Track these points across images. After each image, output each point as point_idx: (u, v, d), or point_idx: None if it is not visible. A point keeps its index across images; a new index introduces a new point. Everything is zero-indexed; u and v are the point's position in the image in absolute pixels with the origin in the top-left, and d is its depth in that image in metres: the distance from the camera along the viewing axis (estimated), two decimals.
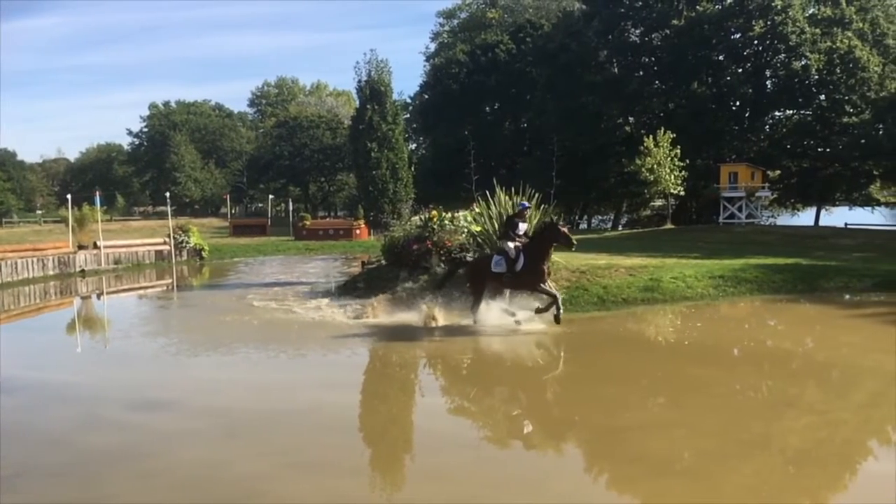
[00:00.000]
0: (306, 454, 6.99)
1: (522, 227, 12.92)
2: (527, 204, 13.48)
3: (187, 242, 29.10)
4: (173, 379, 10.17)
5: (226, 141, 78.06)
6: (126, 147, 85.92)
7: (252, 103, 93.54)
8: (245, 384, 9.74)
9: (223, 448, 7.21)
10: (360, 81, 20.63)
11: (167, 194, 36.86)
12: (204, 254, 29.67)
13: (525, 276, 12.37)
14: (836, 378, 9.81)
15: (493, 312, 13.02)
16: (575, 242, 12.46)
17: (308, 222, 40.75)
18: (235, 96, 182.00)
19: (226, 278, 23.65)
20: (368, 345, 12.19)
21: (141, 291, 21.77)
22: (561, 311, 12.18)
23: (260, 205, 75.73)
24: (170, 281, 23.63)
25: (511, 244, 12.55)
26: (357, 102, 22.74)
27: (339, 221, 48.06)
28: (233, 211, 63.78)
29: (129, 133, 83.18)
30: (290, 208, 55.55)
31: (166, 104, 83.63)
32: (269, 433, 7.62)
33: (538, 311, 12.47)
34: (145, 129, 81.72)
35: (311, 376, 10.36)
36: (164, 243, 28.48)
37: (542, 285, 12.36)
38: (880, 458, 6.83)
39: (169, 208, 35.55)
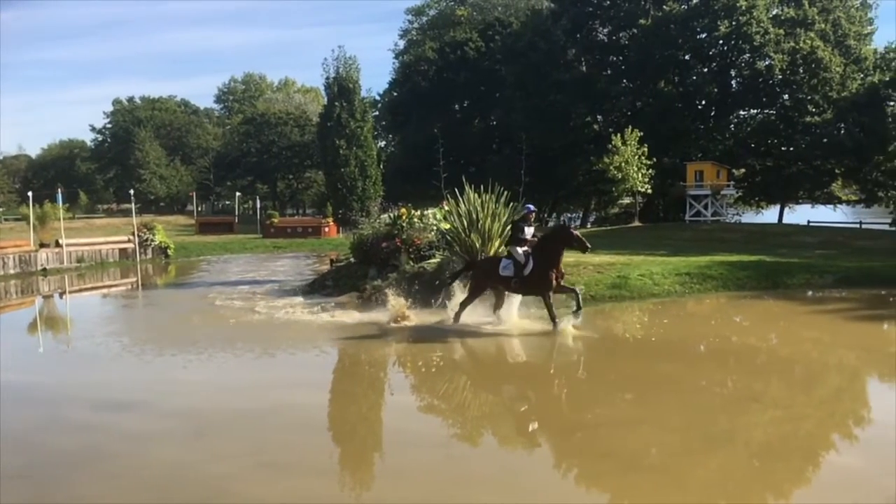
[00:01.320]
0: (275, 454, 6.91)
1: (528, 230, 12.59)
2: (531, 207, 13.29)
3: (152, 240, 28.69)
4: (139, 379, 10.00)
5: (192, 137, 77.03)
6: (89, 143, 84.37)
7: (219, 99, 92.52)
8: (212, 384, 9.62)
9: (190, 448, 7.11)
10: (328, 78, 20.55)
11: (131, 192, 36.31)
12: (169, 252, 29.27)
13: (533, 282, 12.00)
14: (800, 373, 9.98)
15: (473, 312, 12.86)
16: (589, 246, 12.14)
17: (276, 220, 40.43)
18: (202, 92, 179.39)
19: (192, 277, 23.35)
20: (337, 343, 12.11)
21: (105, 290, 21.40)
22: (556, 322, 11.82)
23: (227, 202, 74.87)
24: (134, 280, 23.27)
25: (520, 249, 12.26)
26: (325, 99, 22.62)
27: (308, 219, 47.77)
28: (199, 208, 62.92)
29: (93, 129, 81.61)
30: (258, 206, 55.04)
31: (130, 100, 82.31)
32: (236, 433, 7.53)
33: (575, 312, 12.01)
34: (109, 126, 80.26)
35: (279, 376, 10.26)
36: (129, 241, 28.03)
37: (549, 293, 11.99)
38: (842, 451, 6.96)
39: (133, 206, 34.99)
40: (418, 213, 16.69)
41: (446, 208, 15.77)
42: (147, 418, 8.08)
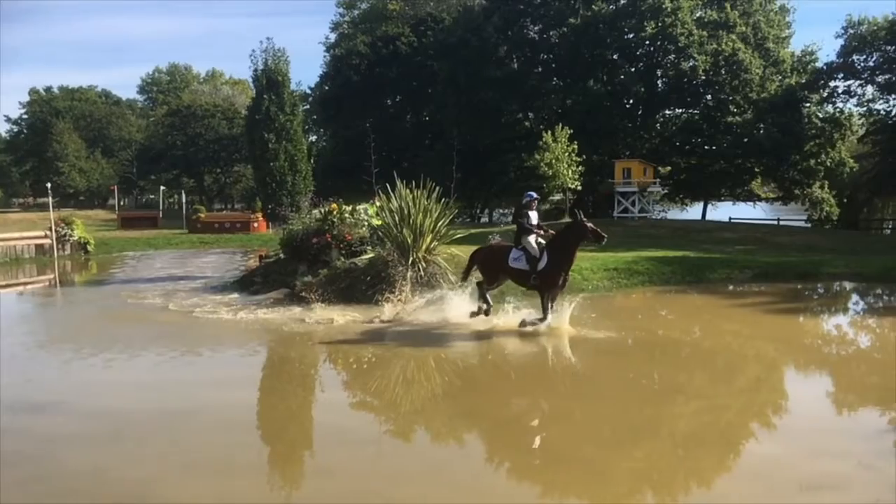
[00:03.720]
0: (199, 454, 6.74)
1: (534, 217, 12.08)
2: (534, 194, 12.66)
3: (71, 236, 27.56)
4: (56, 380, 9.59)
5: (113, 129, 74.31)
6: (4, 135, 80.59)
7: (142, 90, 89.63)
8: (133, 384, 9.29)
9: (110, 451, 6.86)
10: (256, 71, 20.10)
11: (48, 185, 34.75)
12: (89, 248, 28.17)
13: (547, 276, 11.47)
14: (721, 365, 10.29)
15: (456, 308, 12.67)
16: (605, 237, 11.56)
17: (203, 215, 39.41)
18: (124, 83, 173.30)
19: (113, 273, 22.51)
20: (266, 341, 11.88)
21: (20, 288, 20.43)
22: (535, 327, 11.45)
23: (151, 196, 72.52)
24: (52, 276, 22.30)
25: (532, 239, 11.74)
26: (254, 92, 22.15)
27: (236, 214, 46.69)
28: (121, 203, 60.81)
29: (7, 120, 78.12)
30: (184, 200, 53.56)
31: (48, 90, 79.01)
32: (159, 434, 7.30)
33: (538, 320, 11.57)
34: (25, 116, 76.86)
35: (204, 375, 9.99)
36: (46, 237, 26.86)
37: (557, 292, 11.62)
38: (761, 439, 7.20)
39: (51, 200, 33.49)
40: (350, 208, 16.51)
41: (378, 204, 15.67)
42: (65, 420, 7.76)
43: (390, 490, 5.95)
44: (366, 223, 15.95)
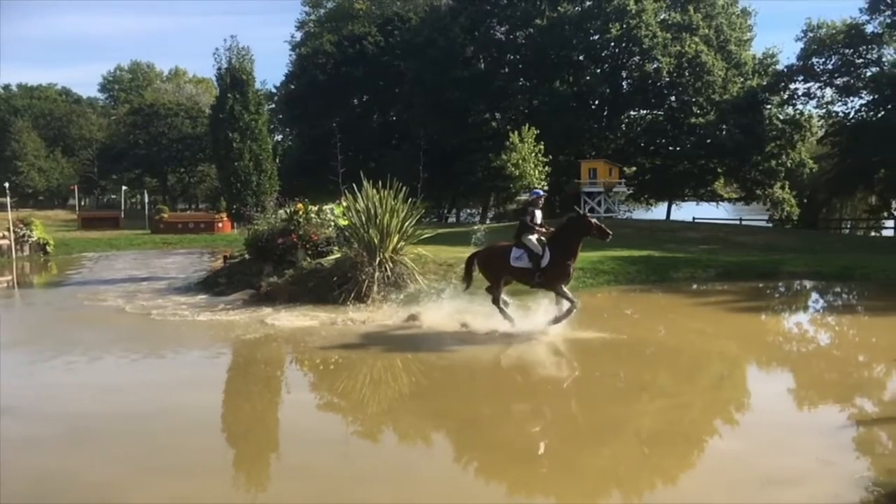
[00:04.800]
0: (164, 457, 6.64)
1: (539, 215, 11.78)
2: (540, 192, 12.30)
3: (30, 237, 26.96)
4: (15, 383, 9.34)
5: (74, 128, 72.80)
6: None
7: (103, 88, 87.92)
8: (95, 387, 9.13)
9: (71, 454, 6.73)
10: (219, 69, 19.89)
11: (6, 185, 33.94)
12: (49, 248, 27.58)
13: (552, 273, 11.21)
14: (685, 363, 10.42)
15: (441, 313, 12.48)
16: (610, 233, 11.37)
17: (166, 215, 38.80)
18: (84, 81, 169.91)
19: (73, 275, 22.07)
20: (231, 342, 11.72)
21: None
22: (567, 318, 11.14)
23: (113, 196, 71.28)
24: (9, 278, 21.78)
25: (534, 237, 11.44)
26: (217, 91, 21.89)
27: (200, 214, 46.11)
28: (82, 203, 59.75)
29: None
30: (146, 200, 52.73)
31: (6, 88, 77.35)
32: (122, 437, 7.18)
33: (556, 320, 11.22)
34: None
35: (167, 377, 9.83)
36: (4, 238, 26.21)
37: (564, 287, 11.33)
38: (724, 435, 7.31)
39: (8, 200, 32.75)
40: (316, 208, 16.40)
41: (344, 204, 15.58)
42: (24, 423, 7.59)
43: (358, 490, 5.92)
44: (332, 223, 15.86)
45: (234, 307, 14.13)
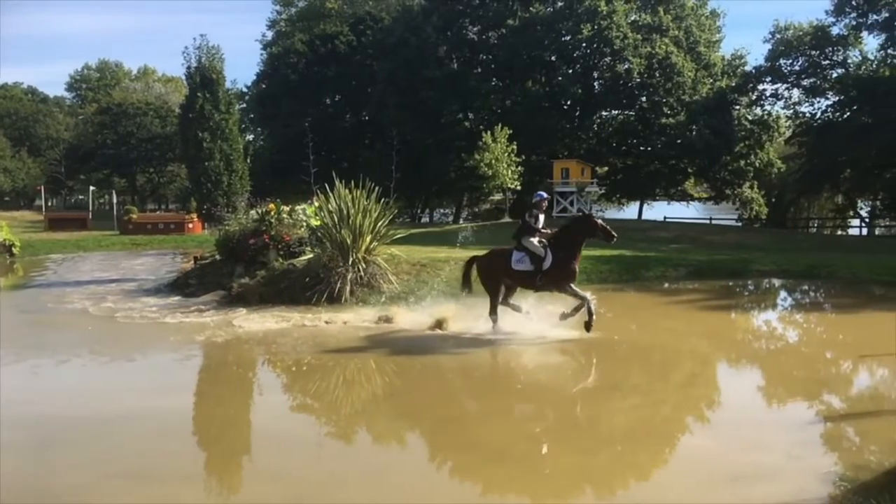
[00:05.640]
0: (134, 462, 6.53)
1: (542, 218, 11.49)
2: (544, 194, 11.95)
3: None
4: None
5: (40, 128, 71.50)
6: None
7: (71, 87, 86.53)
8: (63, 391, 8.96)
9: (39, 459, 6.59)
10: (189, 68, 19.66)
11: None
12: (15, 250, 27.05)
13: (554, 275, 10.98)
14: (657, 361, 10.50)
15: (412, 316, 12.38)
16: (615, 236, 11.08)
17: (135, 216, 38.24)
18: (51, 80, 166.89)
19: (40, 277, 21.65)
20: (202, 345, 11.57)
21: None
22: (593, 316, 10.85)
23: (81, 197, 70.13)
24: None
25: (535, 239, 11.17)
26: (187, 90, 21.64)
27: (170, 215, 45.53)
28: (49, 203, 58.74)
29: None
30: (115, 201, 51.97)
31: None
32: (91, 442, 7.05)
33: (564, 316, 11.01)
34: None
35: (136, 380, 9.67)
36: None
37: (571, 286, 11.07)
38: (696, 432, 7.38)
39: None
40: (288, 208, 16.27)
41: (317, 204, 15.48)
42: None
43: (331, 492, 5.87)
44: (304, 224, 15.74)
45: (205, 309, 13.97)
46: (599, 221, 11.19)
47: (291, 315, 13.01)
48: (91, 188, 58.77)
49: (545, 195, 11.98)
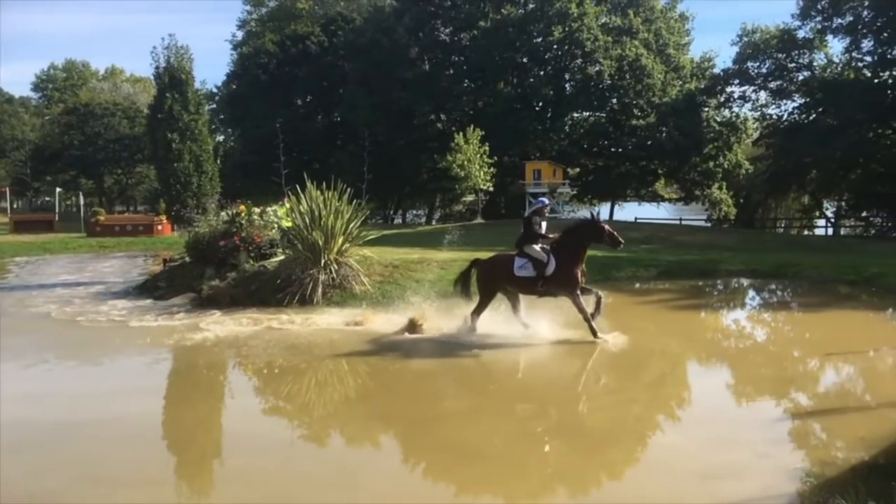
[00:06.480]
0: (103, 467, 6.44)
1: (544, 225, 11.32)
2: (546, 200, 11.88)
3: None
4: None
5: (5, 128, 70.12)
6: None
7: (37, 87, 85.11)
8: (28, 395, 8.78)
9: (8, 463, 6.47)
10: (157, 68, 19.44)
11: None
12: None
13: (557, 281, 10.81)
14: (629, 360, 10.57)
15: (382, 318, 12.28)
16: (622, 242, 10.98)
17: (102, 217, 37.58)
18: (17, 79, 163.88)
19: (3, 280, 21.24)
20: (172, 348, 11.43)
21: None
22: (592, 322, 10.82)
23: (47, 199, 69.02)
24: None
25: (537, 246, 10.99)
26: (156, 90, 21.38)
27: (139, 217, 44.80)
28: (14, 206, 57.67)
29: None
30: (82, 202, 51.18)
31: None
32: (59, 447, 6.92)
33: (592, 316, 10.87)
34: None
35: (106, 384, 9.55)
36: None
37: (576, 293, 10.91)
38: (667, 430, 7.44)
39: None
40: (259, 210, 16.14)
41: (288, 205, 15.38)
42: None
43: (303, 494, 5.84)
44: (276, 225, 15.63)
45: (175, 311, 13.80)
46: (606, 227, 10.96)
47: (262, 317, 12.90)
48: (58, 190, 57.83)
49: (546, 201, 11.90)
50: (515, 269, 11.05)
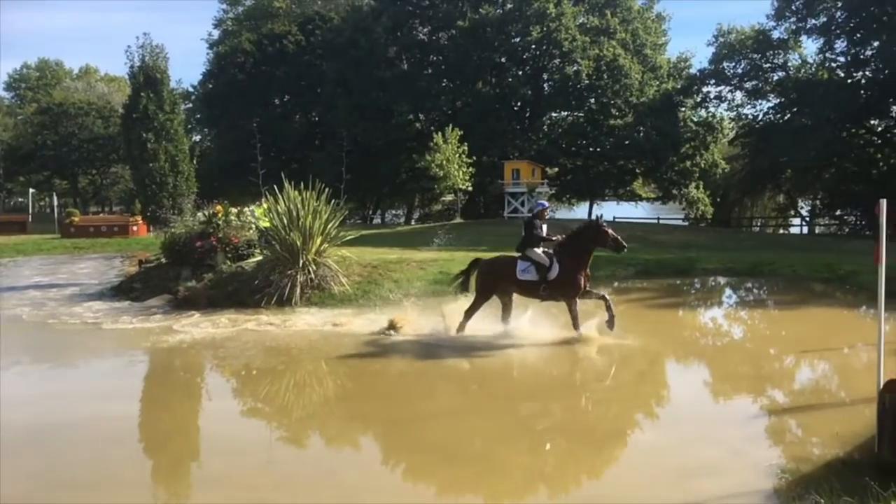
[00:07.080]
0: (78, 471, 6.36)
1: (545, 228, 11.20)
2: (545, 203, 11.87)
3: None
4: None
5: None
6: None
7: (9, 87, 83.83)
8: (2, 399, 8.62)
9: None
10: (132, 67, 19.23)
11: None
12: None
13: (559, 285, 10.74)
14: (607, 360, 10.62)
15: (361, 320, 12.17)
16: (626, 246, 10.96)
17: (77, 218, 37.09)
18: None
19: None
20: (148, 350, 11.31)
21: None
22: (579, 330, 10.83)
23: (20, 200, 67.99)
24: None
25: (539, 249, 10.89)
26: (130, 89, 21.15)
27: (114, 217, 44.33)
28: None
29: None
30: (56, 203, 50.48)
31: None
32: (33, 451, 6.81)
33: (610, 324, 10.77)
34: None
35: (79, 387, 9.42)
36: None
37: (575, 300, 10.81)
38: (644, 428, 7.48)
39: None
40: (236, 210, 16.03)
41: (265, 206, 15.29)
42: None
43: (282, 497, 5.79)
44: (253, 226, 15.53)
45: (151, 313, 13.66)
46: (610, 231, 10.81)
47: (240, 318, 12.80)
48: (31, 190, 57.03)
49: (546, 204, 11.93)
50: (518, 273, 10.93)
